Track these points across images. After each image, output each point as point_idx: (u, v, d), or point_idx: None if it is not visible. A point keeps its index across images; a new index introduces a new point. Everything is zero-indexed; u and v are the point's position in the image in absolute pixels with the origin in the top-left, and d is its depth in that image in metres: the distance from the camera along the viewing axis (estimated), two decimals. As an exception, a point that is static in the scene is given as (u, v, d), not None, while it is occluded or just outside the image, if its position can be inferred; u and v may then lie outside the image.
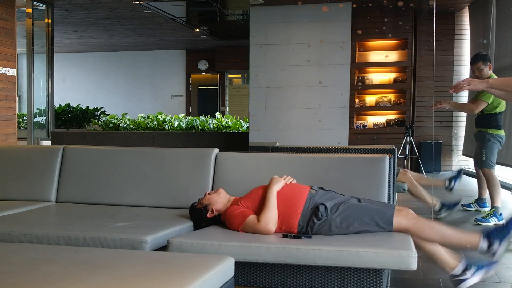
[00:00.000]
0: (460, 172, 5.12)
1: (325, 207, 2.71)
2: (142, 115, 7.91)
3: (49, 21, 7.94)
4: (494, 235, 2.68)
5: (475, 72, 4.80)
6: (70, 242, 2.61)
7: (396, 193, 4.04)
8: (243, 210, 2.79)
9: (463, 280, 2.79)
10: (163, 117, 7.67)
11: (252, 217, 2.73)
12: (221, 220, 2.91)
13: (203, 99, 14.21)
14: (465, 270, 2.79)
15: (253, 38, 6.82)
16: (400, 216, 2.70)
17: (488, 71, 4.75)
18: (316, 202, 2.76)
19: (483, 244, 2.68)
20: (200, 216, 2.94)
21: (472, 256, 3.01)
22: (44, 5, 7.85)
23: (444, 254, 2.81)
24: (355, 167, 3.22)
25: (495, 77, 4.80)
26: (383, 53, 7.13)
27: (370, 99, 7.17)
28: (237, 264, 2.37)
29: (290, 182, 2.96)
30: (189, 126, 7.47)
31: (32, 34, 7.67)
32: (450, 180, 5.05)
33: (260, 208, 2.77)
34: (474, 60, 4.84)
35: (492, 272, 2.88)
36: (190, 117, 8.05)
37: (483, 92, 4.64)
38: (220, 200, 2.93)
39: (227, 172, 3.36)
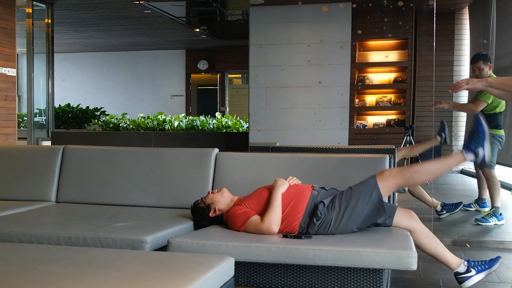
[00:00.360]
0: (443, 123, 5.12)
1: (324, 204, 2.71)
2: (142, 115, 7.91)
3: (49, 21, 7.93)
4: (474, 145, 2.77)
5: (475, 72, 4.80)
6: (70, 242, 2.62)
7: (396, 193, 4.03)
8: (246, 210, 2.79)
9: (467, 278, 2.81)
10: (163, 117, 7.67)
11: (255, 217, 2.73)
12: (223, 220, 2.91)
13: (203, 99, 14.21)
14: (469, 268, 2.82)
15: (253, 38, 6.81)
16: (384, 178, 2.74)
17: (488, 70, 4.76)
18: (317, 203, 2.77)
19: (469, 156, 2.77)
20: (202, 215, 2.93)
21: (474, 257, 3.03)
22: (44, 5, 7.84)
23: (447, 254, 2.83)
24: (355, 167, 3.22)
25: (495, 76, 4.80)
26: (383, 53, 7.13)
27: (370, 99, 7.16)
28: (237, 264, 2.37)
29: (295, 184, 2.95)
30: (189, 126, 7.46)
31: (32, 34, 7.66)
32: (439, 135, 5.05)
33: (264, 209, 2.77)
34: (475, 60, 4.84)
35: (495, 268, 2.91)
36: (190, 117, 8.05)
37: (483, 92, 4.63)
38: (223, 200, 2.93)
39: (227, 172, 3.36)
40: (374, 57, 7.15)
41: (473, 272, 2.82)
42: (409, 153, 5.04)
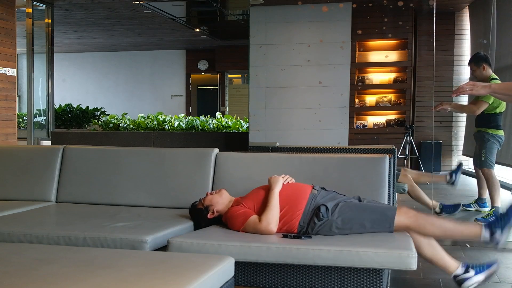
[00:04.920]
0: (460, 166, 5.12)
1: (326, 208, 2.71)
2: (142, 115, 7.91)
3: (49, 21, 7.93)
4: (495, 225, 2.68)
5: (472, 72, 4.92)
6: (70, 242, 2.61)
7: (396, 193, 4.03)
8: (245, 210, 2.79)
9: (466, 279, 2.78)
10: (163, 117, 7.67)
11: (254, 217, 2.73)
12: (221, 221, 2.91)
13: (203, 99, 14.21)
14: (467, 269, 2.79)
15: (253, 38, 6.81)
16: (400, 215, 2.70)
17: (482, 72, 4.81)
18: (318, 203, 2.76)
19: (485, 234, 2.67)
20: (200, 216, 2.93)
21: (473, 258, 3.02)
22: (44, 5, 7.84)
23: (444, 257, 2.79)
24: (355, 167, 3.22)
25: (496, 77, 4.82)
26: (383, 53, 7.13)
27: (370, 99, 7.16)
28: (237, 264, 2.37)
29: (288, 182, 2.95)
30: (189, 126, 7.47)
31: (32, 34, 7.66)
32: (451, 174, 5.05)
33: (261, 208, 2.77)
34: (469, 61, 4.97)
35: (494, 270, 2.86)
36: (190, 117, 8.05)
37: (484, 93, 4.65)
38: (221, 201, 2.93)
39: (227, 172, 3.36)
40: (374, 57, 7.16)
41: (472, 272, 2.80)
42: (417, 179, 5.00)
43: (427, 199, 4.92)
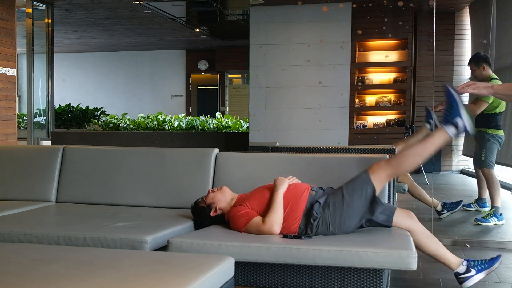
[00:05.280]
0: (428, 110, 5.05)
1: (319, 203, 2.71)
2: (142, 115, 7.91)
3: (49, 21, 7.93)
4: (450, 116, 2.71)
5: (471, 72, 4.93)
6: (70, 242, 2.62)
7: (396, 193, 4.03)
8: (248, 211, 2.78)
9: (468, 278, 2.83)
10: (163, 117, 7.67)
11: (257, 219, 2.72)
12: (224, 220, 2.91)
13: (203, 99, 14.21)
14: (469, 268, 2.84)
15: (253, 38, 6.81)
16: (374, 171, 2.74)
17: (482, 72, 4.81)
18: (313, 204, 2.76)
19: (451, 130, 2.71)
20: (203, 215, 2.93)
21: (476, 257, 3.04)
22: (44, 5, 7.84)
23: (446, 254, 2.84)
24: (355, 167, 3.21)
25: (496, 77, 4.82)
26: (383, 53, 7.13)
27: (370, 99, 7.16)
28: (237, 264, 2.37)
29: (293, 183, 2.95)
30: (189, 126, 7.46)
31: (32, 34, 7.66)
32: (427, 121, 4.99)
33: (265, 209, 2.76)
34: (469, 61, 4.97)
35: (496, 267, 2.93)
36: (190, 117, 8.05)
37: (484, 92, 4.65)
38: (224, 199, 2.92)
39: (227, 172, 3.36)
40: (374, 57, 7.15)
41: (473, 272, 2.84)
42: (406, 147, 5.02)
43: (428, 198, 4.93)
